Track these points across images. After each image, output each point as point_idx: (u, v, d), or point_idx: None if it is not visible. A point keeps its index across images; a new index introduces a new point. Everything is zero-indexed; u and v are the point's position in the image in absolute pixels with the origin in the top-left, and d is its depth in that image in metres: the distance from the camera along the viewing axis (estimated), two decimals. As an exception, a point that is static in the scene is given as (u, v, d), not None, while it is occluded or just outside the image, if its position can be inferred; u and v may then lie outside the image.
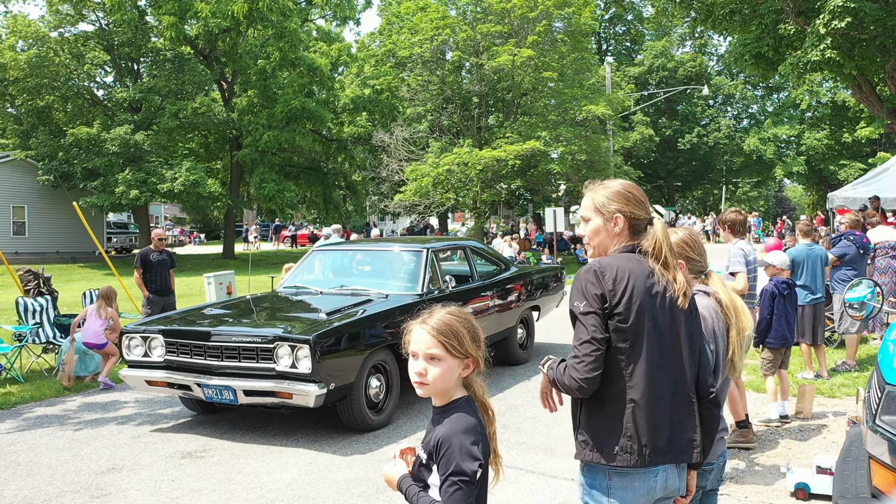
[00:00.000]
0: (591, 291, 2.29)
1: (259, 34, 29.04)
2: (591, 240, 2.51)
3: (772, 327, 5.97)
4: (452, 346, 1.97)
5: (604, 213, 2.46)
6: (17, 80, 26.61)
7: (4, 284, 17.22)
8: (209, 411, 6.67)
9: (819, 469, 4.46)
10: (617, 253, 2.41)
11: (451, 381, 1.99)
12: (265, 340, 5.56)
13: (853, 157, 37.45)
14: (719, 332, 2.78)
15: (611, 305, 2.27)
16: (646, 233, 2.43)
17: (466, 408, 1.98)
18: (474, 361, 2.00)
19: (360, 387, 5.85)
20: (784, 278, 6.21)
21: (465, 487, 1.85)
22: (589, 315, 2.27)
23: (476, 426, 1.95)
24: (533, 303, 8.91)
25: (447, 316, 2.02)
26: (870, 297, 4.70)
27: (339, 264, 8.04)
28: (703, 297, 2.80)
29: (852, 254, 8.20)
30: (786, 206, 58.05)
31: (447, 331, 1.98)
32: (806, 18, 12.31)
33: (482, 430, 1.96)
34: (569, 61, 24.53)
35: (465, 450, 1.87)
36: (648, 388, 2.28)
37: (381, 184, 31.73)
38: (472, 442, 1.89)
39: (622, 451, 2.27)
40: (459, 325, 1.99)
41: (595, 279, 2.30)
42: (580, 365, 2.25)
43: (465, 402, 2.00)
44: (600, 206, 2.47)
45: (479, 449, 1.90)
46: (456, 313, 2.04)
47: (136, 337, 6.16)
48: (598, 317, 2.26)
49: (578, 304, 2.30)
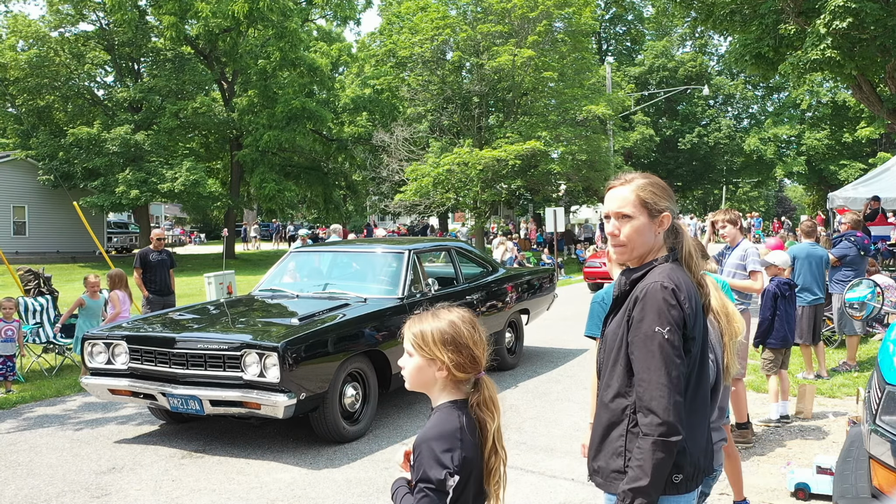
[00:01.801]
0: (674, 315, 2.02)
1: (259, 34, 29.04)
2: (629, 241, 2.17)
3: (773, 328, 5.97)
4: (417, 344, 1.96)
5: (651, 210, 2.16)
6: (17, 79, 26.61)
7: (4, 284, 17.22)
8: (179, 421, 6.39)
9: (819, 469, 4.46)
10: (663, 263, 2.15)
11: (425, 380, 1.97)
12: (232, 347, 5.32)
13: (853, 157, 37.41)
14: (716, 340, 2.70)
15: (689, 330, 2.05)
16: (674, 235, 2.21)
17: (448, 413, 1.93)
18: (444, 365, 1.93)
19: (333, 396, 5.58)
20: (786, 279, 6.20)
21: (431, 495, 1.82)
22: (675, 342, 2.01)
23: (453, 433, 1.87)
24: (521, 306, 8.68)
25: (436, 312, 2.01)
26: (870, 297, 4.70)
27: (319, 267, 7.77)
28: None
29: (853, 255, 8.20)
30: (786, 206, 58.05)
31: (417, 328, 1.98)
32: (806, 18, 12.30)
33: (462, 437, 1.87)
34: (569, 61, 24.54)
35: (433, 457, 1.84)
36: (704, 411, 2.18)
37: (381, 184, 31.74)
38: (443, 449, 1.84)
39: (687, 480, 2.08)
40: (430, 327, 1.96)
41: (676, 300, 2.03)
42: (675, 399, 1.98)
43: (450, 406, 1.95)
44: (651, 201, 2.16)
45: (453, 457, 1.84)
46: (438, 315, 2.00)
47: (99, 343, 5.87)
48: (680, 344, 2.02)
49: (661, 330, 2.00)
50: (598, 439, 2.19)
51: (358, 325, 5.97)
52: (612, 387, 2.16)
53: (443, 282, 7.55)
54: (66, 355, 8.83)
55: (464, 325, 1.97)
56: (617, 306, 2.23)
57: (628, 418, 2.09)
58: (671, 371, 1.99)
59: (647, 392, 2.00)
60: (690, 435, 2.09)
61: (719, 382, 2.66)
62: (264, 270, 20.55)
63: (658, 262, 2.17)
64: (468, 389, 1.97)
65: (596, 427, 2.22)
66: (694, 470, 2.12)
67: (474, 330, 1.99)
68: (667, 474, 2.00)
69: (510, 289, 8.43)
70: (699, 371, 2.15)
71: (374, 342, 6.03)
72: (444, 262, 8.84)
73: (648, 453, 1.96)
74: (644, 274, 2.16)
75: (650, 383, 2.00)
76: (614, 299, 2.27)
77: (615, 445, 2.12)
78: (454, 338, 1.94)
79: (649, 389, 2.00)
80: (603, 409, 2.19)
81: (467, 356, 1.94)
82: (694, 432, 2.12)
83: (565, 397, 7.06)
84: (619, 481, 2.06)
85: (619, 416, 2.13)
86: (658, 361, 2.00)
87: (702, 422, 2.18)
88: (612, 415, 2.14)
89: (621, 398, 2.13)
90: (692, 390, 2.11)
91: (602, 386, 2.24)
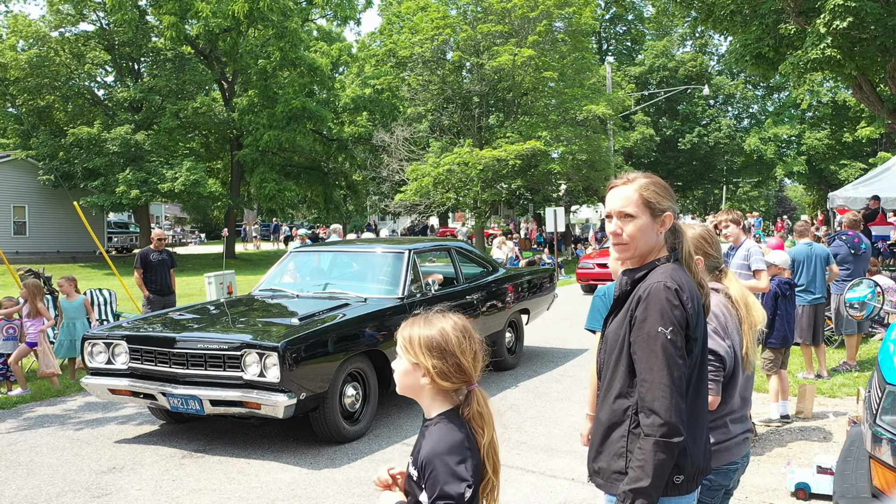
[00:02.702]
0: (677, 316, 2.02)
1: (260, 34, 29.05)
2: (632, 240, 2.16)
3: (774, 327, 5.97)
4: (405, 347, 1.92)
5: (654, 209, 2.16)
6: (17, 79, 26.64)
7: (5, 284, 17.22)
8: (179, 421, 6.38)
9: (819, 469, 4.46)
10: (665, 263, 2.16)
11: (411, 385, 1.92)
12: (232, 347, 5.31)
13: (854, 157, 37.41)
14: (733, 327, 2.66)
15: (691, 331, 2.06)
16: (674, 235, 2.21)
17: (449, 424, 1.87)
18: (427, 371, 1.87)
19: (334, 396, 5.56)
20: (786, 278, 6.21)
21: None
22: (677, 342, 2.01)
23: (461, 442, 1.83)
24: (522, 305, 8.66)
25: (430, 317, 1.95)
26: (870, 297, 4.70)
27: (319, 266, 7.75)
28: (714, 294, 2.65)
29: (843, 253, 8.20)
30: (786, 206, 58.05)
31: (407, 331, 1.93)
32: (806, 18, 12.30)
33: (470, 445, 1.84)
34: (569, 61, 24.53)
35: (449, 471, 1.78)
36: (704, 412, 2.19)
37: (381, 183, 31.73)
38: (457, 462, 1.80)
39: (688, 480, 2.08)
40: (423, 329, 1.91)
41: (679, 300, 2.03)
42: (677, 399, 1.98)
43: (449, 416, 1.89)
44: (654, 201, 2.16)
45: (467, 467, 1.80)
46: (430, 319, 1.94)
47: (99, 343, 5.85)
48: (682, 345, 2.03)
49: (664, 330, 2.00)
50: (599, 440, 2.18)
51: (358, 325, 5.96)
52: (614, 387, 2.15)
53: (443, 282, 7.52)
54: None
55: (454, 333, 1.91)
56: (618, 306, 2.22)
57: (630, 419, 2.09)
58: (673, 372, 1.98)
59: (650, 392, 1.99)
60: (691, 435, 2.08)
61: (737, 371, 2.61)
62: (264, 270, 20.54)
63: (660, 262, 2.16)
64: (459, 400, 1.92)
65: (597, 428, 2.21)
66: (695, 471, 2.12)
67: (465, 339, 1.91)
68: (668, 475, 1.99)
69: (510, 289, 8.41)
70: (699, 372, 2.15)
71: (374, 342, 6.02)
72: (445, 262, 8.78)
73: (650, 454, 1.95)
74: (646, 274, 2.15)
75: (653, 383, 1.99)
76: (615, 299, 2.25)
77: (617, 447, 2.11)
78: (440, 344, 1.89)
79: (651, 390, 1.99)
80: (604, 409, 2.18)
81: (452, 364, 1.88)
82: (694, 433, 2.12)
83: (566, 397, 7.06)
84: (620, 482, 2.04)
85: (620, 417, 2.12)
86: (661, 362, 1.98)
87: (702, 422, 2.18)
88: (614, 415, 2.13)
89: (623, 399, 2.12)
90: (693, 391, 2.11)
91: (603, 386, 2.22)
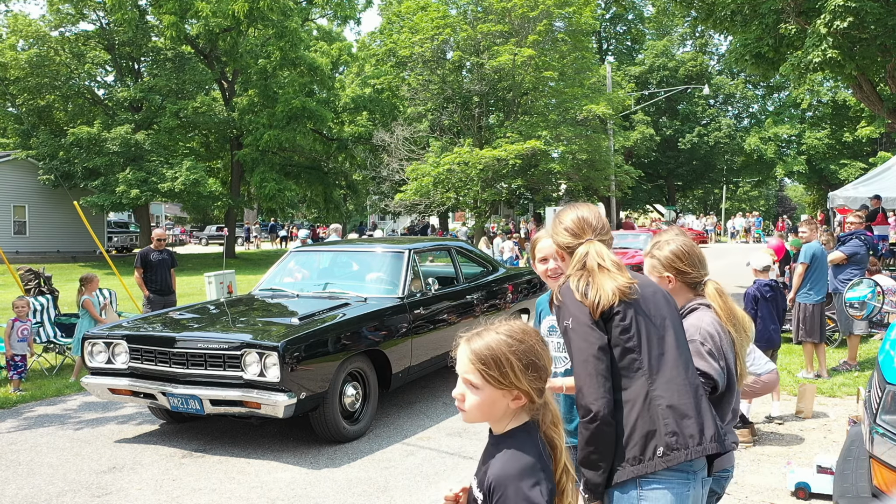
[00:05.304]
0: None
1: (260, 33, 29.04)
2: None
3: (756, 330, 5.95)
4: (492, 377, 1.66)
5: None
6: (17, 79, 26.63)
7: (5, 284, 17.23)
8: (179, 420, 6.36)
9: (819, 468, 4.46)
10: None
11: (494, 413, 1.70)
12: (232, 347, 5.30)
13: (854, 157, 37.39)
14: (727, 347, 2.58)
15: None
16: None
17: (523, 441, 1.68)
18: (525, 394, 1.69)
19: (334, 396, 5.55)
20: (766, 280, 6.18)
21: None
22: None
23: (534, 465, 1.65)
24: (521, 305, 8.62)
25: (498, 337, 1.69)
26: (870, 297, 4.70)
27: (319, 266, 7.71)
28: (706, 311, 2.60)
29: (863, 253, 8.12)
30: (786, 206, 58.00)
31: (489, 357, 1.67)
32: (807, 18, 12.28)
33: (543, 466, 1.67)
34: (569, 61, 24.55)
35: (522, 497, 1.61)
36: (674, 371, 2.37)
37: (381, 183, 31.76)
38: (531, 485, 1.62)
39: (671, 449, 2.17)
40: (508, 351, 1.67)
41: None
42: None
43: (522, 432, 1.70)
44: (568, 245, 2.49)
45: (541, 490, 1.63)
46: (512, 334, 1.71)
47: (99, 343, 5.84)
48: None
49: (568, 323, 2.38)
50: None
51: (358, 325, 5.95)
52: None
53: (443, 281, 7.52)
54: (66, 355, 8.83)
55: (538, 344, 1.72)
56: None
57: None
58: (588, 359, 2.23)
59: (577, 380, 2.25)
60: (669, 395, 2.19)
61: (732, 386, 2.60)
62: (264, 270, 20.54)
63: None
64: (535, 411, 1.74)
65: None
66: (680, 437, 2.16)
67: (545, 345, 1.75)
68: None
69: (510, 288, 8.41)
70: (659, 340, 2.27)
71: (375, 342, 6.02)
72: (445, 261, 8.78)
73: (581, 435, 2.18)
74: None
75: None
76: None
77: None
78: (534, 363, 1.69)
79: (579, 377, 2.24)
80: None
81: (544, 378, 1.71)
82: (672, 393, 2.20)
83: (565, 397, 7.05)
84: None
85: None
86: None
87: (677, 381, 2.23)
88: None
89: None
90: (656, 356, 2.24)
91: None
